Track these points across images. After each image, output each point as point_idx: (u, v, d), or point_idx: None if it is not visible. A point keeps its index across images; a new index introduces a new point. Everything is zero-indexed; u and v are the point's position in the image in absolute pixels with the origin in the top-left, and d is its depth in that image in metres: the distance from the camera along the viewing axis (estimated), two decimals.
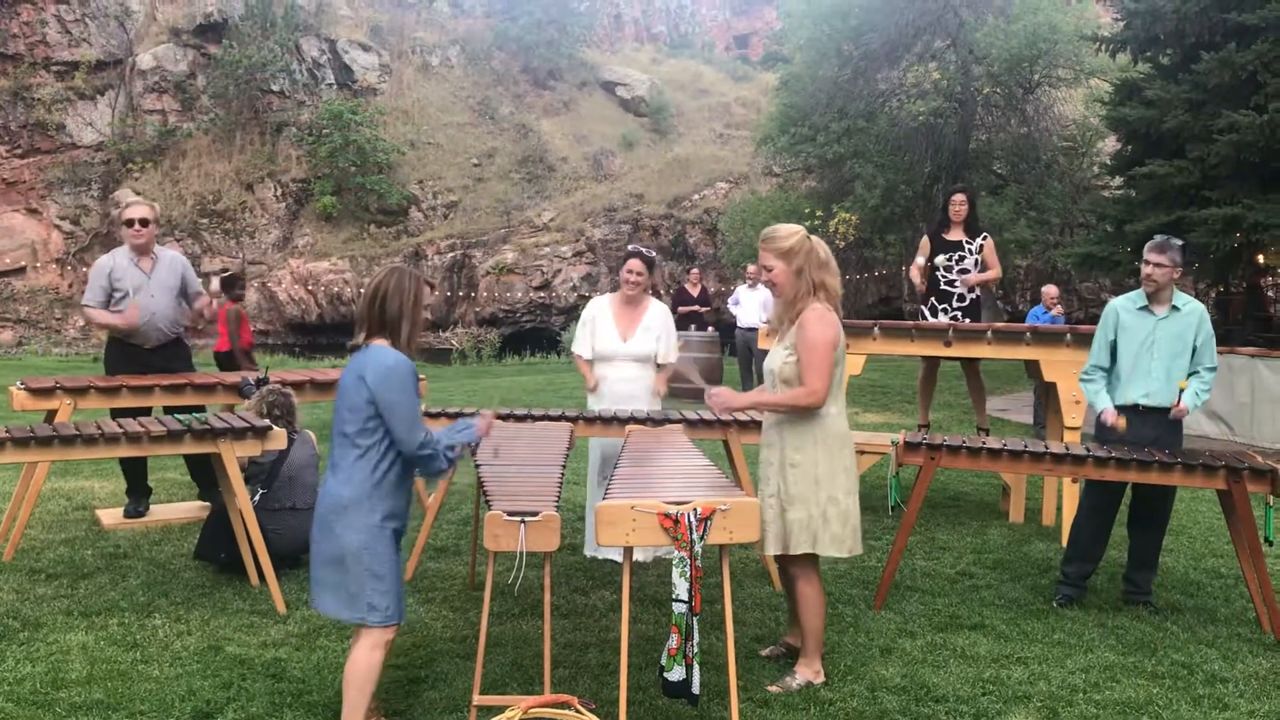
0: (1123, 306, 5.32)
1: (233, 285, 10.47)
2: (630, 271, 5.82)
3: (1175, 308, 5.22)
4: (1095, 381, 5.36)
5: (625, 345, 5.85)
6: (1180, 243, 5.26)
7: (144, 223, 6.41)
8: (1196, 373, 5.22)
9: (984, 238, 7.88)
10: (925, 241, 8.03)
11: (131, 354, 6.47)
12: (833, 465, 4.18)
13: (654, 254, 6.16)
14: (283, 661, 4.34)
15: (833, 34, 19.82)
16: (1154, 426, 5.21)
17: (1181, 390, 5.16)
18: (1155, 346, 5.20)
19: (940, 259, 7.84)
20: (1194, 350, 5.20)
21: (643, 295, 5.93)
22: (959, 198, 7.90)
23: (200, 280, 7.10)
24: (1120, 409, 5.22)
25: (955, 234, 7.86)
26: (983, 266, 7.86)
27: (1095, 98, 17.87)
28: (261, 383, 6.20)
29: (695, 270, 16.54)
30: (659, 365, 5.96)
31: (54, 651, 4.40)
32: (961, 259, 7.80)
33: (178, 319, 6.62)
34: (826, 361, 4.10)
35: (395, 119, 27.79)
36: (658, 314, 5.94)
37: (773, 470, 4.26)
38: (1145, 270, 5.21)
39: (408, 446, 3.43)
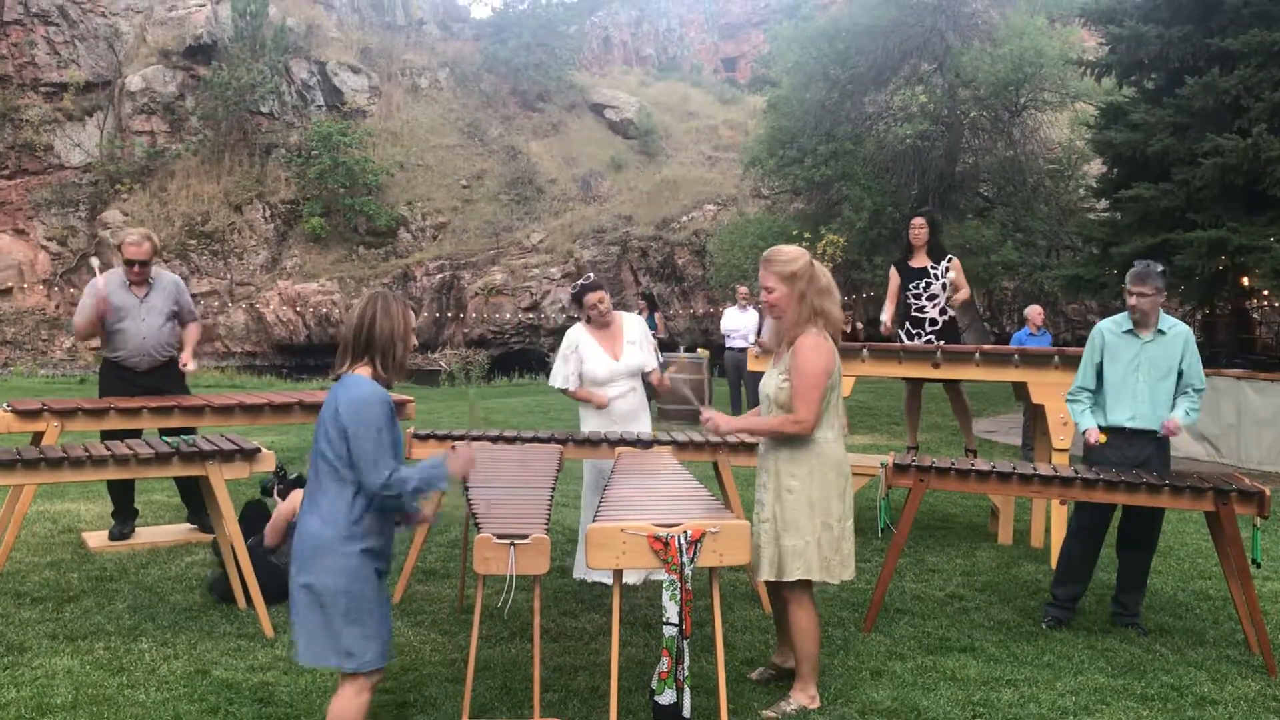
0: (1109, 329, 5.37)
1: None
2: (600, 303, 5.86)
3: (1160, 331, 5.26)
4: (1081, 402, 5.43)
5: (620, 363, 5.89)
6: (1161, 268, 5.30)
7: (143, 265, 6.47)
8: (1185, 393, 5.26)
9: (949, 259, 7.85)
10: (894, 273, 8.02)
11: (125, 376, 6.52)
12: (827, 491, 4.17)
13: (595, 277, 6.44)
14: (270, 686, 4.31)
15: (820, 57, 19.93)
16: (1140, 448, 5.25)
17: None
18: (1141, 369, 5.25)
19: (910, 288, 7.85)
20: (1180, 373, 5.24)
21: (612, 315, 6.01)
22: (918, 221, 7.85)
23: (198, 305, 7.17)
24: (1107, 430, 5.27)
25: (919, 260, 7.84)
26: (951, 289, 7.88)
27: (1081, 121, 18.00)
28: (285, 479, 6.00)
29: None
30: (646, 372, 6.04)
31: (39, 676, 4.36)
32: (929, 285, 7.80)
33: (169, 342, 6.65)
34: (817, 390, 4.07)
35: (384, 141, 27.85)
36: (634, 326, 6.01)
37: (768, 495, 4.24)
38: (1130, 300, 5.26)
39: (369, 484, 3.26)
